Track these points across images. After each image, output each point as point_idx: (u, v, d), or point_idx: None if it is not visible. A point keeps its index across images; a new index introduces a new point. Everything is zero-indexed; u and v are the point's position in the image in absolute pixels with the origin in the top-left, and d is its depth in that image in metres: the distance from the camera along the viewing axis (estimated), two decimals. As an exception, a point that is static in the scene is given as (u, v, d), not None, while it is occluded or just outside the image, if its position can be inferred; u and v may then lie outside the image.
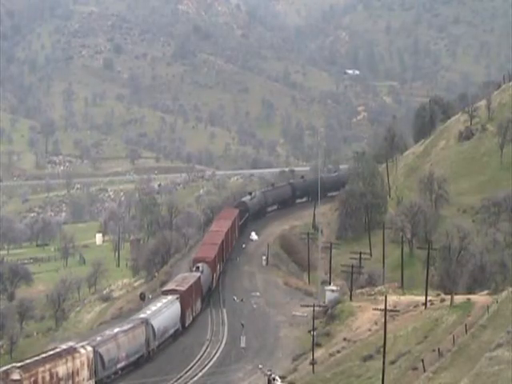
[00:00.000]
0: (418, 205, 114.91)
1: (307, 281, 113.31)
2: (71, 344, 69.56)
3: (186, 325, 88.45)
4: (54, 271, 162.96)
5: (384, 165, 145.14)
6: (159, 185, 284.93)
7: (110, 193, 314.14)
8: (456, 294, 78.62)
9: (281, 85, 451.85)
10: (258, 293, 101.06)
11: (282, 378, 67.65)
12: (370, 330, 77.46)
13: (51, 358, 64.58)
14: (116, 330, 74.81)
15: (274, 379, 65.24)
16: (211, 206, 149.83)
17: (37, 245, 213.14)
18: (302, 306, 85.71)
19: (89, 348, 68.80)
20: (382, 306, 60.90)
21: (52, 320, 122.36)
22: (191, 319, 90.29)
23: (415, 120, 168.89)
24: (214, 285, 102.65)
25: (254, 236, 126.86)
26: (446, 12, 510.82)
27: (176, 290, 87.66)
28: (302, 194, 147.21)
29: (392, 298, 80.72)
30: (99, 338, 72.25)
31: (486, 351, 57.99)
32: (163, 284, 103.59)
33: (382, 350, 59.43)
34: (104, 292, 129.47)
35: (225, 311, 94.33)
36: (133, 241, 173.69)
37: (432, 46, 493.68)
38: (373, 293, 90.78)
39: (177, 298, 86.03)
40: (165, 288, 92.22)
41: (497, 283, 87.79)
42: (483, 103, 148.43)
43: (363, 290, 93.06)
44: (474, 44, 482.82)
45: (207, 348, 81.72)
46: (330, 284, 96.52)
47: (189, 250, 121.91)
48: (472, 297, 78.23)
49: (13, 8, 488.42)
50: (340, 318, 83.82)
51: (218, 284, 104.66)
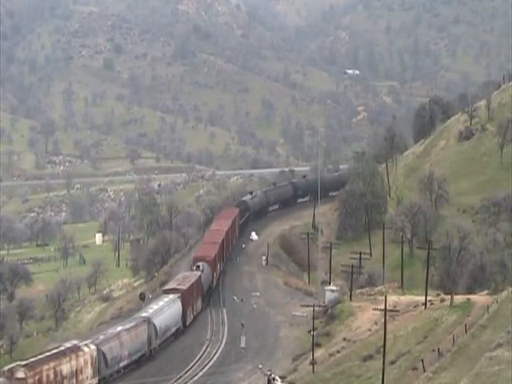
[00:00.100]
0: (418, 205, 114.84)
1: (307, 281, 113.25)
2: (75, 342, 69.59)
3: (187, 323, 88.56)
4: (54, 271, 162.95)
5: (384, 165, 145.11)
6: (159, 185, 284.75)
7: (110, 193, 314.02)
8: (456, 294, 78.60)
9: (281, 85, 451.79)
10: (258, 293, 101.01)
11: (282, 378, 67.63)
12: (370, 330, 77.46)
13: (55, 357, 64.65)
14: (119, 329, 74.89)
15: (274, 379, 65.22)
16: (211, 206, 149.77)
17: (37, 245, 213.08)
18: (302, 306, 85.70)
19: (92, 346, 68.92)
20: (382, 306, 60.90)
21: (52, 320, 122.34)
22: (192, 318, 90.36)
23: (415, 120, 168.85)
24: (215, 284, 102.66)
25: (254, 236, 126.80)
26: (446, 12, 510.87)
27: (177, 289, 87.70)
28: (304, 194, 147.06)
29: (392, 298, 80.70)
30: (102, 337, 72.34)
31: (486, 351, 57.99)
32: (163, 284, 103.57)
33: (382, 350, 59.43)
34: (104, 292, 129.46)
35: (225, 311, 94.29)
36: (133, 241, 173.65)
37: (432, 46, 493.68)
38: (373, 293, 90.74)
39: (178, 297, 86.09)
40: (166, 287, 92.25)
41: (497, 283, 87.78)
42: (483, 103, 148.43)
43: (363, 290, 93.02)
44: (474, 44, 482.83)
45: (207, 348, 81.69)
46: (330, 284, 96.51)
47: (189, 250, 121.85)
48: (472, 297, 78.20)
49: (13, 8, 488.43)
50: (340, 318, 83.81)
51: (218, 284, 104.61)
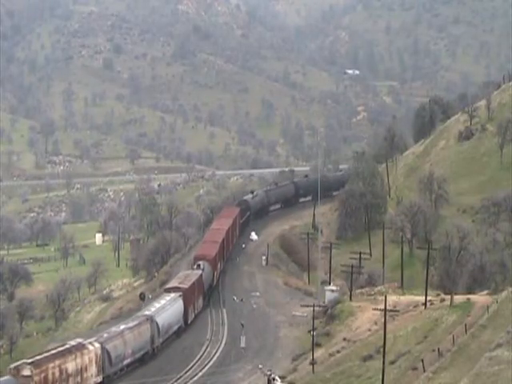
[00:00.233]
0: (418, 205, 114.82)
1: (307, 281, 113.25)
2: (79, 340, 69.75)
3: (189, 322, 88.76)
4: (54, 271, 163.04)
5: (384, 165, 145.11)
6: (159, 185, 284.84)
7: (110, 193, 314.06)
8: (456, 294, 78.58)
9: (281, 85, 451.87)
10: (258, 293, 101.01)
11: (282, 378, 67.60)
12: (370, 330, 77.45)
13: (61, 354, 64.78)
14: (122, 327, 75.10)
15: (274, 379, 65.19)
16: (211, 206, 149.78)
17: (37, 245, 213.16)
18: (302, 306, 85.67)
19: (97, 344, 69.08)
20: (382, 306, 60.88)
21: (52, 320, 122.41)
22: (193, 316, 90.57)
23: (415, 120, 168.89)
24: (215, 282, 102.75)
25: (254, 236, 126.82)
26: (446, 12, 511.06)
27: (179, 288, 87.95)
28: (306, 193, 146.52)
29: (392, 298, 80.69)
30: (106, 335, 72.53)
31: (486, 351, 57.98)
32: (163, 284, 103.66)
33: (382, 350, 59.41)
34: (104, 292, 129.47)
35: (225, 311, 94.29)
36: (133, 241, 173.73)
37: (432, 46, 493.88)
38: (373, 293, 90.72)
39: (180, 296, 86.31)
40: (167, 285, 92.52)
41: (497, 283, 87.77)
42: (483, 103, 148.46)
43: (363, 290, 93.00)
44: (474, 44, 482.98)
45: (207, 348, 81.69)
46: (330, 284, 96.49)
47: (189, 250, 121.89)
48: (472, 297, 78.19)
49: (13, 8, 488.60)
50: (340, 318, 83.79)
51: (218, 284, 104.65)
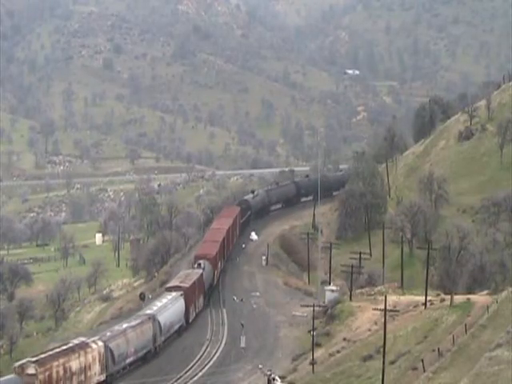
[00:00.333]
0: (418, 205, 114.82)
1: (307, 281, 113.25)
2: (83, 339, 69.90)
3: (190, 321, 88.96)
4: (54, 271, 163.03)
5: (384, 165, 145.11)
6: (159, 185, 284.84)
7: (110, 193, 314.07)
8: (456, 294, 78.58)
9: (281, 85, 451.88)
10: (258, 293, 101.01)
11: (282, 378, 67.60)
12: (370, 330, 77.45)
13: (65, 353, 64.90)
14: (125, 326, 75.26)
15: (274, 379, 65.19)
16: (211, 206, 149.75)
17: (37, 245, 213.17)
18: (302, 306, 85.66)
19: (100, 343, 69.21)
20: (382, 306, 60.86)
21: (52, 320, 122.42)
22: (194, 315, 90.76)
23: (415, 120, 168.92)
24: (215, 282, 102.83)
25: (254, 236, 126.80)
26: (446, 12, 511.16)
27: (180, 287, 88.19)
28: (307, 193, 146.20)
29: (392, 298, 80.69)
30: (109, 334, 72.68)
31: (486, 351, 57.98)
32: (163, 284, 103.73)
33: (382, 350, 59.40)
34: (104, 292, 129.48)
35: (225, 311, 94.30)
36: (133, 241, 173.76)
37: (432, 46, 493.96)
38: (373, 293, 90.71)
39: (181, 295, 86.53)
40: (169, 284, 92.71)
41: (497, 283, 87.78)
42: (483, 103, 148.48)
43: (363, 290, 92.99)
44: (474, 44, 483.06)
45: (207, 348, 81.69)
46: (330, 284, 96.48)
47: (188, 250, 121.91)
48: (472, 297, 78.19)
49: (13, 8, 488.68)
50: (340, 318, 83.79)
51: (218, 284, 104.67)
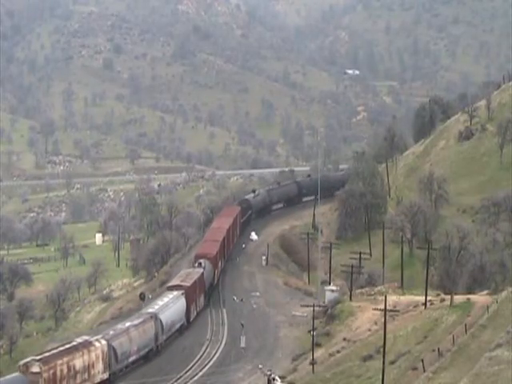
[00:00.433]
0: (418, 205, 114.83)
1: (307, 281, 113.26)
2: (86, 337, 70.14)
3: (191, 320, 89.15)
4: (54, 271, 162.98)
5: (384, 165, 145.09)
6: (159, 185, 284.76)
7: (110, 193, 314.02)
8: (456, 294, 78.59)
9: (280, 85, 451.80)
10: (258, 293, 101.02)
11: (282, 378, 67.61)
12: (370, 330, 77.45)
13: (69, 351, 65.15)
14: (127, 325, 75.46)
15: (274, 379, 65.20)
16: (211, 206, 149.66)
17: (37, 245, 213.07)
18: (302, 306, 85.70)
19: (103, 341, 69.46)
20: (382, 306, 60.86)
21: (52, 320, 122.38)
22: (195, 314, 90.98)
23: (415, 120, 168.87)
24: (216, 281, 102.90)
25: (254, 236, 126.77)
26: (446, 12, 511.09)
27: (181, 286, 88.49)
28: (309, 193, 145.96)
29: (392, 298, 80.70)
30: (112, 332, 72.88)
31: (486, 351, 57.97)
32: (163, 284, 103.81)
33: (382, 350, 59.39)
34: (104, 292, 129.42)
35: (225, 311, 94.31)
36: (133, 241, 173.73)
37: (432, 46, 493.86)
38: (373, 293, 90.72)
39: (182, 294, 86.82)
40: (170, 283, 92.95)
41: (496, 283, 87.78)
42: (483, 103, 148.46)
43: (363, 290, 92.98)
44: (474, 44, 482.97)
45: (207, 348, 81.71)
46: (330, 284, 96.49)
47: (188, 250, 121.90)
48: (472, 297, 78.20)
49: (13, 8, 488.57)
50: (340, 318, 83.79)
51: (218, 284, 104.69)
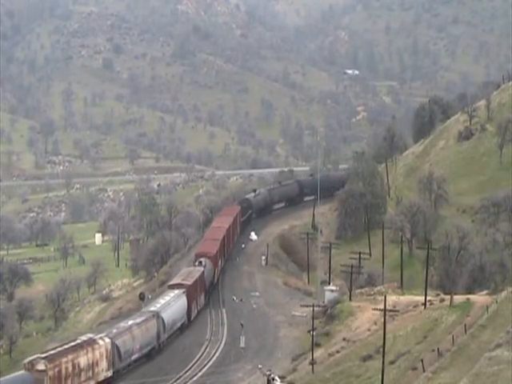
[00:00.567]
0: (418, 205, 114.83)
1: (307, 281, 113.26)
2: (90, 335, 70.39)
3: (192, 318, 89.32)
4: (54, 271, 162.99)
5: (383, 165, 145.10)
6: (159, 185, 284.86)
7: (110, 193, 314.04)
8: (455, 294, 78.56)
9: (280, 85, 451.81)
10: (258, 293, 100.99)
11: (282, 378, 67.61)
12: (370, 330, 77.45)
13: (73, 349, 65.34)
14: (130, 323, 75.67)
15: (274, 379, 65.21)
16: (210, 206, 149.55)
17: (36, 245, 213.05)
18: (302, 306, 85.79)
19: (107, 339, 69.67)
20: (382, 306, 60.83)
21: (51, 320, 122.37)
22: (196, 313, 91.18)
23: (415, 120, 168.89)
24: (216, 280, 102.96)
25: (254, 236, 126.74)
26: (446, 12, 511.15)
27: (182, 284, 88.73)
28: (310, 192, 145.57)
29: (391, 298, 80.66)
30: (115, 330, 73.10)
31: (486, 351, 57.95)
32: (163, 284, 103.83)
33: (382, 350, 59.38)
34: (103, 292, 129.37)
35: (224, 311, 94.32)
36: (132, 241, 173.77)
37: (431, 46, 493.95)
38: (372, 293, 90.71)
39: (183, 292, 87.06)
40: (171, 282, 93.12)
41: (496, 283, 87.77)
42: (483, 103, 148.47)
43: (363, 290, 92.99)
44: (474, 44, 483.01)
45: (206, 348, 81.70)
46: (330, 284, 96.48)
47: (188, 250, 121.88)
48: (471, 297, 78.19)
49: (13, 8, 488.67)
50: (339, 318, 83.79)
51: (218, 284, 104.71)
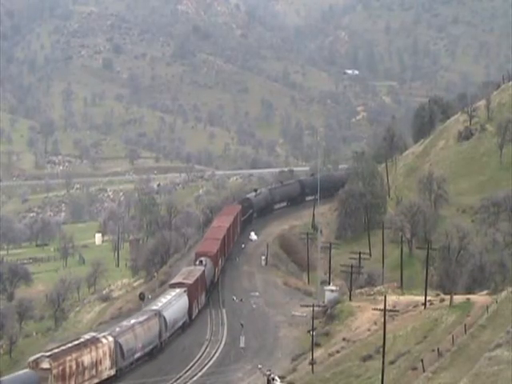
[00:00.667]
0: (418, 205, 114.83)
1: (307, 281, 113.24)
2: (93, 334, 70.63)
3: (193, 317, 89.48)
4: (54, 271, 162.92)
5: (383, 165, 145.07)
6: (158, 185, 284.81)
7: (110, 193, 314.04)
8: (455, 294, 78.57)
9: (280, 85, 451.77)
10: (258, 293, 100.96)
11: (282, 378, 67.62)
12: (370, 330, 77.44)
13: (77, 348, 65.68)
14: (132, 322, 75.92)
15: (274, 379, 65.22)
16: (210, 206, 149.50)
17: (36, 245, 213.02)
18: (302, 306, 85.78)
19: (110, 338, 69.95)
20: (382, 306, 60.83)
21: (51, 320, 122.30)
22: (197, 312, 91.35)
23: (414, 120, 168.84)
24: (216, 279, 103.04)
25: (254, 236, 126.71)
26: (446, 12, 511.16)
27: (183, 283, 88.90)
28: (312, 192, 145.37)
29: (391, 298, 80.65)
30: (118, 329, 73.35)
31: (486, 351, 57.94)
32: (163, 284, 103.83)
33: (382, 350, 59.38)
34: (103, 292, 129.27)
35: (224, 311, 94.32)
36: (132, 241, 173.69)
37: (431, 46, 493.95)
38: (372, 293, 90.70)
39: (184, 291, 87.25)
40: (172, 281, 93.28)
41: (496, 283, 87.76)
42: (482, 103, 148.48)
43: (362, 290, 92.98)
44: (474, 44, 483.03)
45: (206, 348, 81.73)
46: (330, 284, 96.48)
47: (188, 250, 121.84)
48: (471, 297, 78.18)
49: (13, 8, 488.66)
50: (339, 318, 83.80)
51: (218, 284, 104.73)
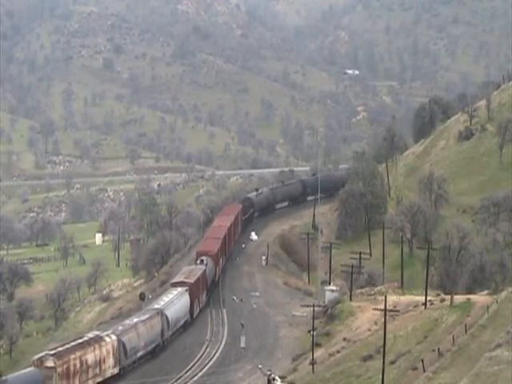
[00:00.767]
0: (418, 205, 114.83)
1: (307, 281, 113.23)
2: (97, 333, 70.91)
3: (194, 316, 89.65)
4: (54, 271, 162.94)
5: (384, 165, 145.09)
6: (159, 185, 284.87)
7: (110, 193, 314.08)
8: (456, 294, 78.55)
9: (280, 85, 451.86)
10: (258, 293, 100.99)
11: (282, 378, 67.61)
12: (370, 330, 77.45)
13: (81, 346, 65.96)
14: (135, 320, 76.15)
15: (274, 379, 65.21)
16: (211, 206, 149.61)
17: (36, 245, 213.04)
18: (302, 306, 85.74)
19: (113, 337, 70.19)
20: (382, 306, 60.87)
21: (52, 320, 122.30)
22: (198, 311, 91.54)
23: (415, 120, 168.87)
24: (217, 278, 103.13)
25: (254, 236, 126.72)
26: (446, 12, 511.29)
27: (185, 282, 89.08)
28: (313, 192, 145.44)
29: (392, 298, 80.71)
30: (121, 328, 73.54)
31: (486, 351, 57.94)
32: (163, 284, 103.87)
33: (382, 350, 59.41)
34: (104, 292, 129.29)
35: (224, 311, 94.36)
36: (132, 241, 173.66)
37: (431, 46, 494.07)
38: (372, 293, 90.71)
39: (186, 290, 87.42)
40: (174, 280, 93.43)
41: (496, 283, 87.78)
42: (483, 103, 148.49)
43: (363, 290, 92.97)
44: (474, 44, 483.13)
45: (207, 348, 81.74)
46: (330, 284, 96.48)
47: (188, 250, 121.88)
48: (472, 297, 78.18)
49: (12, 8, 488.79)
50: (340, 318, 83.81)
51: (218, 284, 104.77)
